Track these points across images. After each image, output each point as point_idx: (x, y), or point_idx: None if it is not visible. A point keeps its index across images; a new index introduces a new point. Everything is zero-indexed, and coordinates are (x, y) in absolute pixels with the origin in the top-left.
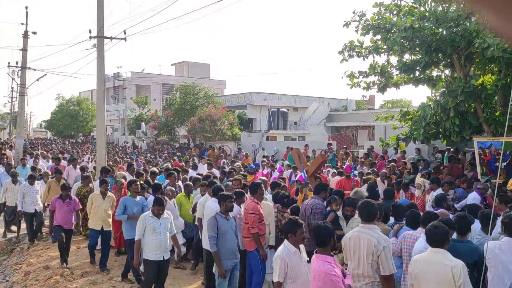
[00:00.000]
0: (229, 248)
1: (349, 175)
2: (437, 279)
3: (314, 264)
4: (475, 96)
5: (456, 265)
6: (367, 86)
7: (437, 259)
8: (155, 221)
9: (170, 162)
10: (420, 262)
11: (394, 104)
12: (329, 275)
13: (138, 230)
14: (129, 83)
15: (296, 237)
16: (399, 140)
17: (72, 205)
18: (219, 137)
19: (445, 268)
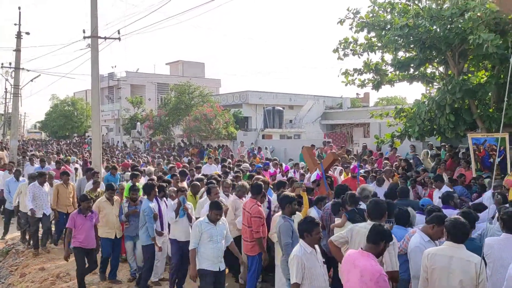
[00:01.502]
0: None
1: (355, 175)
2: (461, 275)
3: (363, 262)
4: (471, 93)
5: (479, 261)
6: (362, 83)
7: (459, 255)
8: (212, 228)
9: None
10: (439, 256)
11: (388, 102)
12: (383, 276)
13: (194, 237)
14: (123, 83)
15: (312, 237)
16: (394, 137)
17: (93, 219)
18: (214, 136)
19: (468, 264)
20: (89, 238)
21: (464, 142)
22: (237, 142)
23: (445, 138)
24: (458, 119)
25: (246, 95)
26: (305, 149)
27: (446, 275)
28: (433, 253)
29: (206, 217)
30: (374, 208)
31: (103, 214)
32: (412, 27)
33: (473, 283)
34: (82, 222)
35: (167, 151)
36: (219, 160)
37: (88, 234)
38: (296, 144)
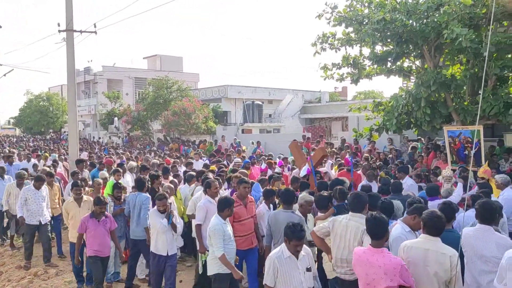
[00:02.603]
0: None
1: (349, 168)
2: (435, 267)
3: (381, 260)
4: (445, 86)
5: (454, 254)
6: (341, 77)
7: (434, 248)
8: (229, 227)
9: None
10: (415, 249)
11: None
12: (404, 266)
13: (220, 242)
14: (100, 77)
15: (290, 245)
16: (372, 131)
17: (108, 224)
18: (193, 131)
19: (443, 256)
20: (104, 244)
21: (440, 134)
22: (216, 136)
23: (422, 131)
24: (434, 112)
25: (225, 89)
26: (293, 144)
27: (422, 267)
28: (409, 245)
29: (219, 216)
30: (354, 200)
31: (71, 216)
32: (389, 21)
33: (447, 275)
34: (95, 227)
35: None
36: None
37: (102, 240)
38: (276, 138)
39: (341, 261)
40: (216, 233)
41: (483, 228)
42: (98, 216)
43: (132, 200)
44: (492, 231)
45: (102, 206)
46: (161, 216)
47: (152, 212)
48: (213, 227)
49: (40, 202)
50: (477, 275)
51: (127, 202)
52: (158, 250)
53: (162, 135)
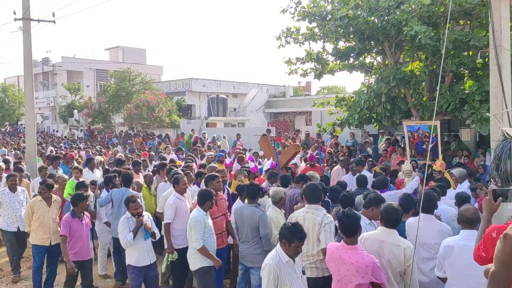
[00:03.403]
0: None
1: (314, 163)
2: (389, 258)
3: (354, 257)
4: (405, 82)
5: (408, 246)
6: (304, 72)
7: (389, 239)
8: (209, 219)
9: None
10: (371, 240)
11: (329, 90)
12: (376, 264)
13: (200, 234)
14: (59, 68)
15: (290, 248)
16: (335, 126)
17: (88, 222)
18: (157, 124)
19: (397, 249)
20: (86, 247)
21: (400, 129)
22: (180, 130)
23: (382, 125)
24: (394, 107)
25: (190, 82)
26: (262, 139)
27: (377, 258)
28: (366, 237)
29: (201, 209)
30: (311, 191)
31: (37, 216)
32: (351, 17)
33: (401, 267)
34: (78, 228)
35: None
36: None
37: (84, 242)
38: (241, 132)
39: (301, 255)
40: (197, 225)
41: (425, 217)
42: (80, 213)
43: (118, 196)
44: (434, 220)
45: (84, 201)
46: (130, 224)
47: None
48: (194, 218)
49: (17, 206)
50: (421, 263)
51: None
52: (140, 261)
53: (124, 129)
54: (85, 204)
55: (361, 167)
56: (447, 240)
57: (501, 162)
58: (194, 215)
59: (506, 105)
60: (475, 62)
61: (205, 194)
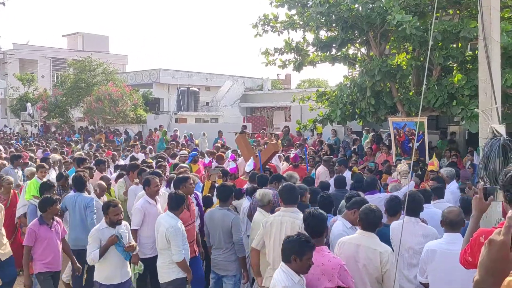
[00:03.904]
0: None
1: (298, 163)
2: (365, 263)
3: (319, 259)
4: (391, 75)
5: (385, 251)
6: (283, 64)
7: (366, 243)
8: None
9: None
10: (347, 244)
11: (310, 84)
12: (343, 267)
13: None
14: (10, 56)
15: (302, 263)
16: (316, 122)
17: (59, 229)
18: (121, 119)
19: (374, 253)
20: (58, 257)
21: (385, 126)
22: (147, 126)
23: (366, 122)
24: (379, 102)
25: (157, 73)
26: (239, 137)
27: (353, 263)
28: (343, 241)
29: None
30: (287, 192)
31: None
32: (333, 3)
33: (378, 272)
34: (46, 236)
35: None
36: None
37: (56, 251)
38: (214, 129)
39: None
40: (177, 235)
41: (410, 220)
42: (49, 220)
43: (71, 202)
44: (419, 223)
45: (54, 205)
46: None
47: (94, 231)
48: (173, 227)
49: None
50: (406, 269)
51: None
52: (109, 279)
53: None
54: (55, 209)
55: (344, 167)
56: (429, 243)
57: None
58: (172, 223)
59: (496, 100)
60: (465, 54)
61: (178, 198)
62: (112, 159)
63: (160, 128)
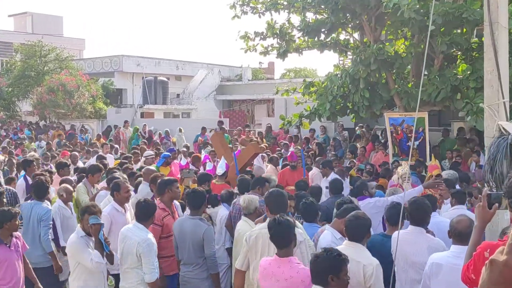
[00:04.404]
0: None
1: (295, 164)
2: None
3: (288, 272)
4: (387, 65)
5: (370, 263)
6: (265, 50)
7: (351, 255)
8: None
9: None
10: None
11: (297, 74)
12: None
13: (154, 262)
14: None
15: (340, 280)
16: (302, 117)
17: (19, 247)
18: (77, 113)
19: (357, 266)
20: (20, 279)
21: (381, 122)
22: (107, 121)
23: (360, 118)
24: (374, 95)
25: (120, 60)
26: (215, 135)
27: None
28: None
29: (144, 227)
30: (275, 200)
31: None
32: None
33: (361, 286)
34: (6, 257)
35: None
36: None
37: (17, 272)
38: (186, 125)
39: None
40: (151, 250)
41: (414, 230)
42: (7, 238)
43: (26, 212)
44: (424, 234)
45: (14, 220)
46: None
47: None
48: (145, 242)
49: None
50: (409, 286)
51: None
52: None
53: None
54: (15, 225)
55: (328, 169)
56: (434, 256)
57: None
58: (143, 237)
59: (503, 94)
60: (470, 41)
61: (149, 207)
62: (71, 160)
63: (125, 125)
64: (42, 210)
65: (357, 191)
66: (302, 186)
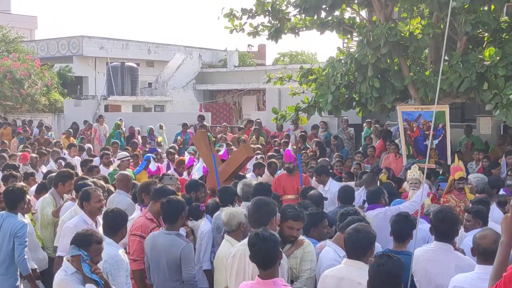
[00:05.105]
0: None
1: (291, 167)
2: None
3: None
4: (401, 48)
5: None
6: (255, 30)
7: (350, 275)
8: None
9: None
10: (330, 278)
11: (293, 59)
12: None
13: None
14: None
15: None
16: (299, 111)
17: None
18: (27, 106)
19: (358, 286)
20: None
21: (393, 117)
22: (64, 116)
23: (368, 112)
24: (385, 85)
25: (80, 43)
26: (198, 134)
27: None
28: (327, 274)
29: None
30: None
31: None
32: None
33: None
34: None
35: None
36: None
37: None
38: (159, 120)
39: None
40: (120, 268)
41: (440, 247)
42: None
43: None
44: (451, 251)
45: None
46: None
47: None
48: (113, 258)
49: None
50: None
51: None
52: None
53: None
54: None
55: (325, 176)
56: (456, 278)
57: None
58: (111, 253)
59: None
60: (499, 20)
61: (118, 219)
62: (32, 165)
63: (100, 121)
64: (16, 224)
65: (372, 199)
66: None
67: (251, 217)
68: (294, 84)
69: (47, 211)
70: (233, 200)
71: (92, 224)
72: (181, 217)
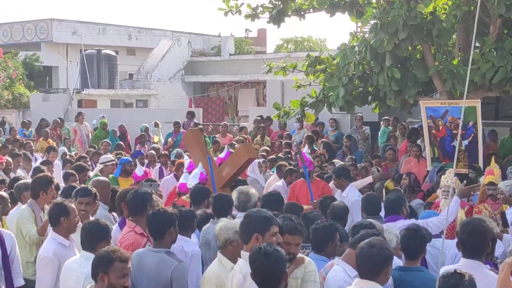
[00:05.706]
0: None
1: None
2: None
3: None
4: (423, 33)
5: None
6: (253, 12)
7: None
8: None
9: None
10: None
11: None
12: None
13: None
14: None
15: None
16: (305, 107)
17: None
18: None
19: None
20: None
21: (416, 114)
22: (30, 112)
23: (386, 107)
24: (406, 76)
25: (49, 27)
26: (189, 133)
27: None
28: None
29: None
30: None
31: None
32: None
33: None
34: None
35: None
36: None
37: None
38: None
39: None
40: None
41: (468, 265)
42: None
43: None
44: (482, 269)
45: None
46: None
47: None
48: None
49: None
50: None
51: None
52: None
53: None
54: None
55: (345, 180)
56: None
57: None
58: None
59: None
60: None
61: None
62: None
63: (80, 119)
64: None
65: (393, 208)
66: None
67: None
68: (300, 75)
69: (29, 229)
70: (228, 210)
71: (70, 245)
72: (169, 232)
